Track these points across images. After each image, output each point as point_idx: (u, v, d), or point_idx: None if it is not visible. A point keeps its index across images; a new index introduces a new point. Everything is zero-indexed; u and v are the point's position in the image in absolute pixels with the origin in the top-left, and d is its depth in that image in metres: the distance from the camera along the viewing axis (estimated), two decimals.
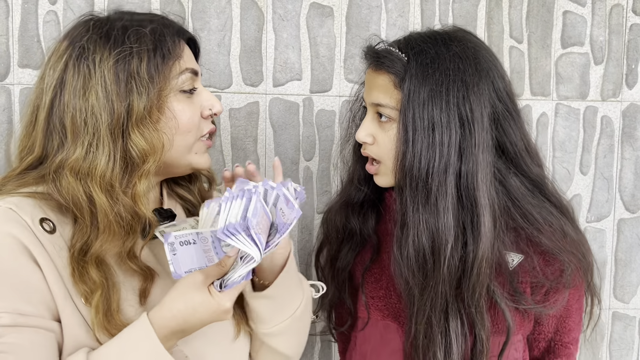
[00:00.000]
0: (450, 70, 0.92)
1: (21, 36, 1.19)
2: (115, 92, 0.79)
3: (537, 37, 1.44)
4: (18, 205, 0.78)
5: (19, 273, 0.75)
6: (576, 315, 1.05)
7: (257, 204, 0.74)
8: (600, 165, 1.49)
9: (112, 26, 0.83)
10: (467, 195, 0.91)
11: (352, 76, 1.38)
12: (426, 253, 0.92)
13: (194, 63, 0.90)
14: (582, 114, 1.47)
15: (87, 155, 0.79)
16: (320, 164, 1.38)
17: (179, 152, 0.86)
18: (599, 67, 1.47)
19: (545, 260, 0.97)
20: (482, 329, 0.93)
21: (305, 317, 0.96)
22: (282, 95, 1.35)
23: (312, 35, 1.35)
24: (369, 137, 0.98)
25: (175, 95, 0.85)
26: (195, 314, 0.75)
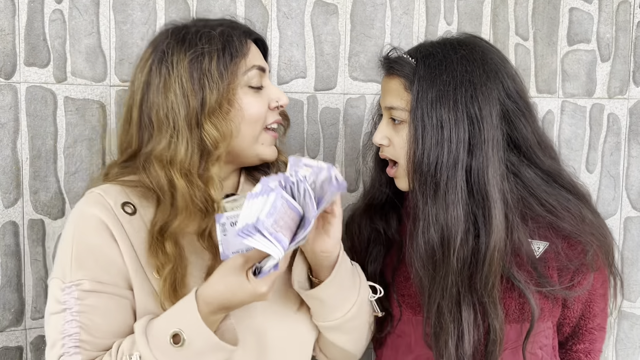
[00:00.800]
0: (457, 72, 0.97)
1: (27, 35, 1.19)
2: (190, 89, 0.90)
3: (543, 34, 1.43)
4: (105, 191, 0.93)
5: (101, 248, 0.89)
6: (601, 301, 1.09)
7: (275, 203, 0.75)
8: (606, 163, 1.48)
9: (187, 31, 0.94)
10: (477, 189, 0.96)
11: (357, 74, 1.37)
12: (435, 245, 0.96)
13: (261, 60, 0.99)
14: (588, 111, 1.46)
15: (169, 145, 0.90)
16: (325, 161, 1.38)
17: (246, 141, 0.96)
18: (605, 64, 1.46)
19: (568, 244, 1.02)
20: (496, 318, 0.97)
21: (360, 317, 0.99)
22: (286, 93, 1.33)
23: (317, 33, 1.35)
24: (384, 140, 1.04)
25: (243, 90, 0.94)
26: (235, 296, 0.82)
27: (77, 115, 1.23)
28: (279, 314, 0.97)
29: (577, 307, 1.08)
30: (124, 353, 0.84)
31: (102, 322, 0.88)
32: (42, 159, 1.22)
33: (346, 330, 0.98)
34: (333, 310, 0.95)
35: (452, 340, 0.97)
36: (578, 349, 1.12)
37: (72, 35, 1.22)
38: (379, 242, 1.14)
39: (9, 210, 1.21)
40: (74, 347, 0.86)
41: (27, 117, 1.21)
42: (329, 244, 0.91)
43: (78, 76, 1.23)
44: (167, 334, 0.82)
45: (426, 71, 0.98)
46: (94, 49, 1.24)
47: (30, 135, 1.21)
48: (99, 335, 0.87)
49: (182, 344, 0.81)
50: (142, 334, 0.84)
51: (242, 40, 0.95)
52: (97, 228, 0.89)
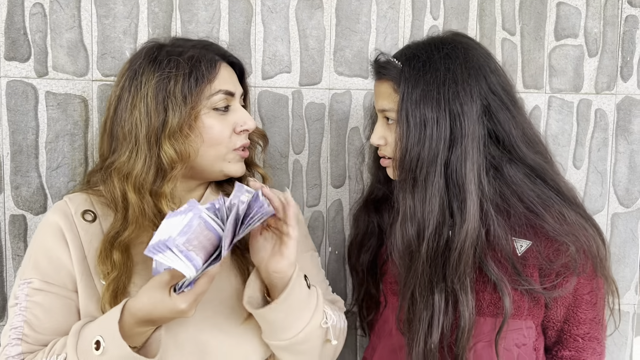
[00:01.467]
0: (440, 71, 1.00)
1: (7, 29, 1.18)
2: (153, 108, 0.94)
3: (530, 29, 1.42)
4: (71, 199, 1.01)
5: (54, 251, 0.95)
6: (589, 309, 1.06)
7: (191, 222, 0.77)
8: (594, 159, 1.47)
9: (159, 52, 0.98)
10: (454, 181, 0.99)
11: (342, 69, 1.36)
12: (411, 237, 1.00)
13: (230, 85, 1.01)
14: (575, 107, 1.45)
15: (128, 160, 0.94)
16: (310, 157, 1.38)
17: (209, 160, 0.99)
18: (593, 60, 1.45)
19: (548, 243, 1.01)
20: (466, 306, 0.99)
21: (311, 342, 0.97)
22: (271, 88, 1.34)
23: (302, 28, 1.34)
24: (381, 140, 1.09)
25: (207, 113, 0.98)
26: (156, 309, 0.83)
27: (59, 110, 1.23)
28: (221, 327, 0.98)
29: (560, 310, 1.06)
30: (55, 351, 0.89)
31: (44, 319, 0.93)
32: (23, 154, 1.21)
33: (296, 352, 0.97)
34: (282, 331, 0.95)
35: (423, 326, 1.00)
36: (564, 356, 1.09)
37: (53, 29, 1.21)
38: (374, 235, 1.21)
39: None
40: (17, 338, 0.92)
41: (7, 112, 1.20)
42: (282, 264, 0.91)
43: (59, 70, 1.22)
44: (92, 339, 0.86)
45: (410, 73, 1.02)
46: (75, 43, 1.23)
47: (11, 130, 1.20)
48: (40, 330, 0.93)
49: (101, 351, 0.84)
50: (74, 336, 0.88)
51: (211, 64, 0.99)
52: (54, 233, 0.96)
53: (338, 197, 1.40)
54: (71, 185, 1.23)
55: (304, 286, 0.96)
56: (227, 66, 1.03)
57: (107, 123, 1.01)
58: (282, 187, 1.36)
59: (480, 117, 1.01)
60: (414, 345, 1.01)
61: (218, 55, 1.03)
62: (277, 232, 0.94)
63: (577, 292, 1.05)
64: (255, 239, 0.95)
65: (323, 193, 1.40)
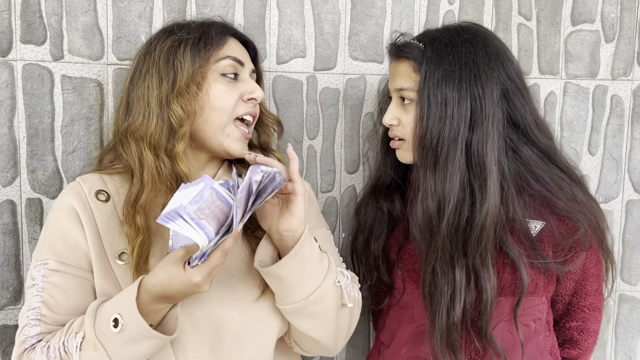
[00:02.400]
0: (462, 53, 1.03)
1: (23, 12, 1.18)
2: (164, 71, 0.98)
3: (547, 14, 1.41)
4: (84, 180, 1.02)
5: (69, 232, 0.96)
6: (594, 281, 1.15)
7: (203, 192, 0.78)
8: (609, 146, 1.46)
9: (174, 25, 1.04)
10: (476, 161, 1.02)
11: (357, 53, 1.36)
12: (432, 213, 1.02)
13: (240, 54, 1.04)
14: (591, 93, 1.44)
15: (142, 122, 0.98)
16: (324, 142, 1.37)
17: (212, 128, 1.00)
18: (609, 45, 1.43)
19: (561, 222, 1.06)
20: (488, 280, 1.02)
21: (325, 302, 0.96)
22: (285, 73, 1.33)
23: (317, 12, 1.33)
24: (394, 120, 1.10)
25: (214, 77, 1.00)
26: (171, 285, 0.83)
27: (75, 93, 1.22)
28: (236, 304, 0.98)
29: (570, 284, 1.14)
30: (73, 330, 0.89)
31: (61, 300, 0.94)
32: (39, 138, 1.22)
33: (310, 315, 0.96)
34: (294, 290, 0.94)
35: (445, 300, 1.02)
36: (571, 327, 1.18)
37: (69, 12, 1.21)
38: (383, 222, 1.21)
39: (7, 189, 1.21)
40: (35, 319, 0.93)
41: (23, 96, 1.20)
42: (292, 222, 0.91)
43: (75, 54, 1.22)
44: (110, 317, 0.86)
45: (433, 53, 1.04)
46: (91, 26, 1.22)
47: (27, 114, 1.20)
48: (58, 311, 0.93)
49: (120, 329, 0.85)
50: (91, 315, 0.88)
51: (220, 33, 1.02)
52: (69, 214, 0.97)
53: (352, 182, 1.40)
54: (87, 169, 1.24)
55: (316, 247, 0.96)
56: (237, 42, 1.06)
57: (123, 96, 1.03)
58: None
59: (500, 100, 1.04)
60: (436, 318, 1.03)
61: (231, 30, 1.06)
62: (281, 196, 0.94)
63: (585, 266, 1.13)
64: (262, 206, 0.94)
65: (337, 179, 1.40)
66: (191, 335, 0.95)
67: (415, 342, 1.13)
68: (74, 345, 0.87)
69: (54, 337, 0.91)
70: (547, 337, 1.14)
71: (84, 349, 0.86)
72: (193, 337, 0.95)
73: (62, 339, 0.89)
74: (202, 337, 0.95)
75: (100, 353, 0.85)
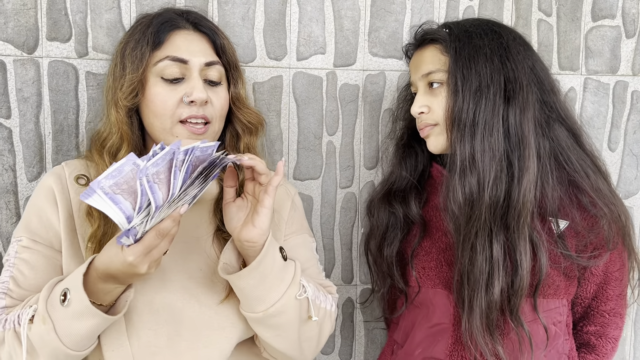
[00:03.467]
0: (489, 36, 1.04)
1: (49, 9, 1.20)
2: (118, 73, 0.99)
3: (567, 10, 1.41)
4: (68, 164, 1.04)
5: (44, 211, 0.98)
6: (616, 285, 1.11)
7: (122, 167, 0.74)
8: (629, 142, 1.45)
9: (137, 19, 1.05)
10: (514, 132, 1.00)
11: (377, 50, 1.36)
12: (472, 187, 1.00)
13: (184, 52, 0.98)
14: (611, 89, 1.44)
15: (103, 125, 1.02)
16: (343, 138, 1.38)
17: (158, 131, 0.99)
18: (630, 41, 1.43)
19: (584, 216, 1.04)
20: (524, 255, 0.99)
21: (287, 315, 0.95)
22: (305, 69, 1.34)
23: (337, 8, 1.34)
24: (424, 107, 1.08)
25: (155, 80, 0.98)
26: (112, 263, 0.83)
27: (99, 90, 1.24)
28: (199, 297, 0.97)
29: (591, 287, 1.10)
30: (29, 304, 0.90)
31: (29, 276, 0.96)
32: (64, 134, 1.24)
33: (270, 326, 0.95)
34: (256, 302, 0.93)
35: (483, 279, 1.00)
36: (589, 331, 1.14)
37: (93, 9, 1.22)
38: (397, 227, 1.18)
39: (33, 183, 1.23)
40: (2, 293, 0.95)
41: (49, 92, 1.22)
42: (254, 232, 0.90)
43: (99, 51, 1.24)
44: (60, 291, 0.87)
45: (461, 33, 1.04)
46: (114, 23, 1.24)
47: (53, 110, 1.22)
48: (25, 286, 0.95)
49: (67, 303, 0.85)
50: (47, 289, 0.89)
51: (160, 31, 0.98)
52: (46, 194, 0.99)
53: (371, 178, 1.41)
54: None
55: (279, 257, 0.94)
56: (191, 34, 1.01)
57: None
58: (316, 169, 1.37)
59: (530, 73, 1.03)
60: (475, 299, 1.01)
61: (189, 22, 1.02)
62: (252, 199, 0.93)
63: (608, 269, 1.09)
64: (229, 207, 0.94)
65: (356, 175, 1.40)
66: (148, 323, 0.94)
67: (430, 342, 1.10)
68: (25, 318, 0.88)
69: (14, 310, 0.92)
70: (566, 341, 1.11)
71: (35, 322, 0.87)
72: (150, 326, 0.94)
73: (19, 312, 0.90)
74: (160, 327, 0.95)
75: (47, 326, 0.86)
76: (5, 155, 1.22)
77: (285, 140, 1.36)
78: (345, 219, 1.41)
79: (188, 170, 0.79)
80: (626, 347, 1.52)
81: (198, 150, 0.79)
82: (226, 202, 0.94)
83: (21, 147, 1.22)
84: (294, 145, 1.36)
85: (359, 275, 1.43)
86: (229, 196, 0.94)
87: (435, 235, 1.13)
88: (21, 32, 1.20)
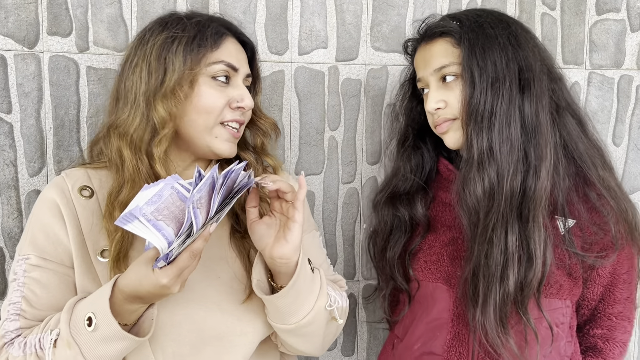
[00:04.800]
0: (499, 26, 1.03)
1: (50, 4, 1.20)
2: (154, 67, 0.95)
3: (571, 3, 1.39)
4: (68, 174, 1.00)
5: (51, 227, 0.95)
6: (624, 288, 1.08)
7: (162, 192, 0.75)
8: (634, 137, 1.44)
9: (170, 19, 1.00)
10: (530, 122, 0.99)
11: (379, 44, 1.35)
12: (492, 179, 0.99)
13: (235, 59, 1.00)
14: (616, 83, 1.42)
15: (128, 117, 0.96)
16: (345, 133, 1.37)
17: (197, 130, 0.98)
18: (635, 35, 1.41)
19: (591, 214, 1.03)
20: (539, 245, 0.98)
21: (316, 323, 0.97)
22: (307, 64, 1.34)
23: (339, 2, 1.33)
24: (440, 103, 1.05)
25: (204, 79, 0.97)
26: (141, 285, 0.82)
27: (100, 85, 1.24)
28: (220, 305, 0.97)
29: (597, 289, 1.08)
30: (49, 327, 0.89)
31: (42, 295, 0.93)
32: (65, 129, 1.23)
33: (300, 335, 0.97)
34: (288, 316, 0.94)
35: (498, 271, 0.99)
36: (595, 334, 1.12)
37: (94, 4, 1.22)
38: (400, 230, 1.18)
39: (34, 179, 1.23)
40: (15, 314, 0.92)
41: (50, 87, 1.21)
42: (287, 249, 0.89)
43: (100, 46, 1.23)
44: (84, 316, 0.85)
45: (472, 25, 1.03)
46: (115, 18, 1.23)
47: (54, 105, 1.22)
48: (38, 306, 0.93)
49: (93, 328, 0.84)
50: (67, 312, 0.87)
51: (218, 33, 0.99)
52: (51, 209, 0.96)
53: (373, 174, 1.40)
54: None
55: (309, 270, 0.95)
56: (235, 42, 1.03)
57: (115, 84, 1.02)
58: (318, 164, 1.36)
59: (541, 62, 1.03)
60: (490, 292, 0.99)
61: (229, 29, 1.02)
62: (281, 216, 0.93)
63: (616, 271, 1.06)
64: (258, 225, 0.93)
65: (358, 170, 1.40)
66: (171, 335, 0.94)
67: (428, 337, 1.10)
68: (48, 342, 0.86)
69: (31, 333, 0.90)
70: (569, 343, 1.09)
71: (59, 347, 0.86)
72: (173, 337, 0.94)
73: (39, 335, 0.89)
74: (183, 338, 0.95)
75: (74, 351, 0.85)
76: (7, 151, 1.21)
77: (287, 136, 1.35)
78: (347, 215, 1.40)
79: (223, 192, 0.81)
80: (630, 344, 1.50)
81: (234, 174, 0.82)
82: (252, 221, 0.93)
83: (22, 142, 1.22)
84: (296, 140, 1.36)
85: (361, 271, 1.43)
86: (253, 216, 0.93)
87: (439, 230, 1.13)
88: (22, 27, 1.19)
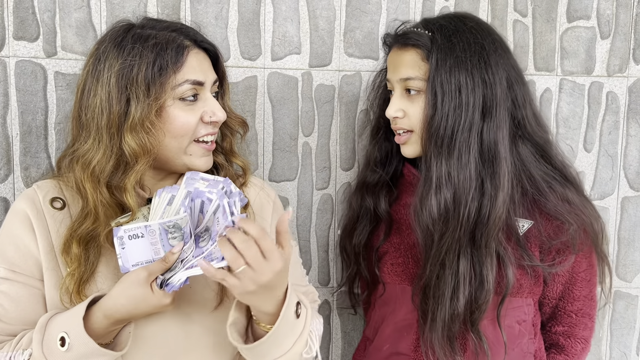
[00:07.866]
0: (471, 40, 1.02)
1: (16, 8, 1.17)
2: (115, 97, 0.89)
3: (542, 11, 1.41)
4: (39, 186, 0.97)
5: (22, 239, 0.93)
6: (584, 286, 1.11)
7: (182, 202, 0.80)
8: (604, 142, 1.46)
9: (125, 36, 0.93)
10: (487, 149, 1.01)
11: (352, 50, 1.35)
12: (447, 202, 1.00)
13: (199, 73, 0.95)
14: (587, 89, 1.44)
15: (90, 148, 0.91)
16: (319, 139, 1.37)
17: (172, 152, 0.95)
18: (605, 42, 1.43)
19: (549, 222, 1.05)
20: (491, 270, 1.00)
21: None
22: (280, 70, 1.33)
23: (312, 8, 1.33)
24: (399, 112, 1.06)
25: (173, 103, 0.92)
26: (137, 308, 0.83)
27: (68, 90, 1.22)
28: (190, 316, 0.96)
29: (557, 287, 1.11)
30: (21, 346, 0.87)
31: (11, 309, 0.91)
32: (32, 135, 1.21)
33: None
34: (260, 357, 0.90)
35: (448, 292, 1.01)
36: (557, 331, 1.15)
37: (62, 8, 1.20)
38: (366, 218, 1.20)
39: (0, 186, 1.20)
40: None
41: (16, 92, 1.19)
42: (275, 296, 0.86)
43: (68, 51, 1.21)
44: (57, 335, 0.84)
45: (443, 40, 1.02)
46: (84, 23, 1.22)
47: (20, 111, 1.20)
48: (7, 320, 0.91)
49: (67, 348, 0.83)
50: (39, 331, 0.86)
51: (178, 52, 0.92)
52: (22, 221, 0.93)
53: (347, 179, 1.40)
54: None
55: (292, 316, 0.89)
56: (198, 52, 0.97)
57: (75, 107, 0.96)
58: (291, 170, 1.35)
59: (507, 88, 1.03)
60: (438, 311, 1.01)
61: (189, 39, 0.96)
62: None
63: (574, 269, 1.09)
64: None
65: (332, 176, 1.39)
66: (144, 347, 0.93)
67: (396, 338, 1.12)
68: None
69: (1, 350, 0.89)
70: (532, 340, 1.11)
71: None
72: (146, 349, 0.93)
73: (10, 353, 0.87)
74: (157, 351, 0.94)
75: None
76: None
77: (261, 142, 1.34)
78: (321, 221, 1.40)
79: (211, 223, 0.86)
80: (602, 347, 1.52)
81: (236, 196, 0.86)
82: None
83: None
84: (269, 146, 1.35)
85: (335, 277, 1.42)
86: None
87: (404, 232, 1.15)
88: None
